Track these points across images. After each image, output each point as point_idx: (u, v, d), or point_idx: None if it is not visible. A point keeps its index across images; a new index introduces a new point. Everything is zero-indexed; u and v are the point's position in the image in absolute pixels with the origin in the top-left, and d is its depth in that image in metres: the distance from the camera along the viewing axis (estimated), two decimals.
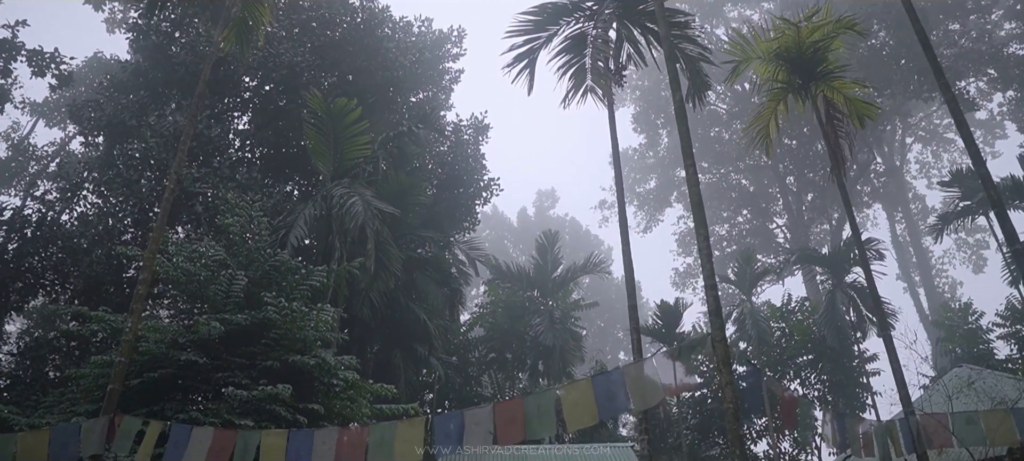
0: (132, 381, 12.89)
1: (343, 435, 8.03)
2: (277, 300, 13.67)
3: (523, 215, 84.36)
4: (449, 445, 7.44)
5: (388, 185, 21.37)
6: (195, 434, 8.80)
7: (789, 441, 32.44)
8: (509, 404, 7.47)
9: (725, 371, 6.81)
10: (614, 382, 7.25)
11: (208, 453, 8.60)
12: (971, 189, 30.73)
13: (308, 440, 8.14)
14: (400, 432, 7.72)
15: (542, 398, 7.42)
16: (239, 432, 8.61)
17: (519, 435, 7.25)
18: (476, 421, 7.45)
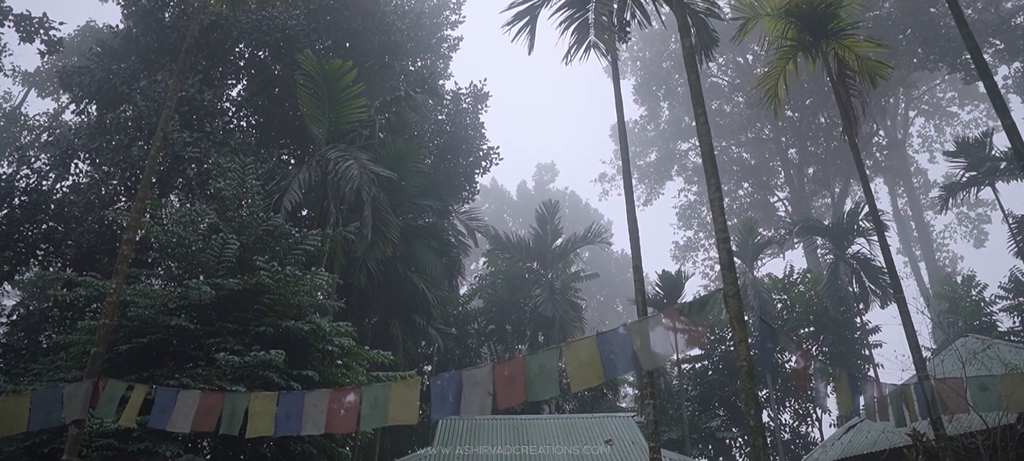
0: (121, 347, 12.56)
1: (335, 397, 7.65)
2: (270, 264, 13.26)
3: (523, 189, 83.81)
4: (446, 407, 7.07)
5: (385, 151, 20.89)
6: (181, 397, 8.43)
7: (790, 412, 32.36)
8: (510, 364, 7.08)
9: (739, 327, 6.42)
10: (620, 340, 6.86)
11: (194, 417, 8.24)
12: (977, 159, 30.26)
13: (298, 403, 7.78)
14: (395, 393, 7.34)
15: (544, 357, 7.03)
16: (227, 395, 8.25)
17: (520, 396, 6.88)
18: (475, 382, 7.07)
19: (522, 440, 18.11)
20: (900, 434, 17.00)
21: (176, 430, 8.33)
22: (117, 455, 11.12)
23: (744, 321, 6.45)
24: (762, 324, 7.06)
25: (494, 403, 6.96)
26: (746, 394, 6.08)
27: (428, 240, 23.66)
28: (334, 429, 7.55)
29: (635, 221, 10.04)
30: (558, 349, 7.10)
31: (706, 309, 6.69)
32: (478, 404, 6.96)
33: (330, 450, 13.68)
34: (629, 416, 20.67)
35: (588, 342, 6.97)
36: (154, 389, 8.77)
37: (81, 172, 24.06)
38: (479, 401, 6.96)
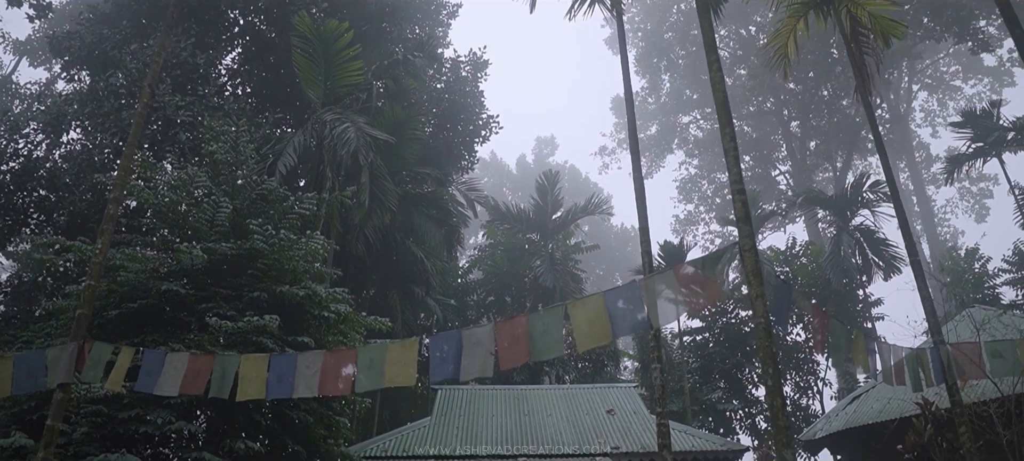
0: (111, 313, 12.21)
1: (329, 359, 7.30)
2: (263, 227, 12.88)
3: (522, 162, 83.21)
4: (446, 369, 6.72)
5: (383, 119, 20.41)
6: (169, 360, 8.09)
7: (791, 385, 32.18)
8: (512, 323, 6.73)
9: (755, 282, 6.05)
10: (630, 296, 6.50)
11: (183, 379, 7.91)
12: (984, 129, 29.79)
13: (291, 364, 7.43)
14: (391, 354, 6.99)
15: (549, 316, 6.67)
16: (216, 357, 7.90)
17: (523, 356, 6.53)
18: (475, 341, 6.71)
19: (522, 410, 17.86)
20: (907, 403, 16.78)
21: (164, 394, 8.01)
22: (106, 422, 10.80)
23: (761, 275, 6.08)
24: (778, 282, 6.68)
25: (496, 364, 6.61)
26: (764, 352, 5.73)
27: (427, 209, 23.26)
28: (328, 392, 7.22)
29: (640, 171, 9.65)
30: (563, 306, 6.74)
31: (720, 263, 6.32)
32: (479, 365, 6.61)
33: (327, 418, 13.40)
34: (631, 387, 20.42)
35: (595, 299, 6.61)
36: (141, 352, 8.41)
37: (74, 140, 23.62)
38: (480, 362, 6.61)
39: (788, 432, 5.38)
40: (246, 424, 11.98)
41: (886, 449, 17.14)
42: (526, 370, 26.35)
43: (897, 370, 8.46)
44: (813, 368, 32.27)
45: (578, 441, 15.82)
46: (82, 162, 21.03)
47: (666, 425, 8.32)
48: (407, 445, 15.67)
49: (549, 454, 15.10)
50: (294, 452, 13.07)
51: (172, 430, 10.82)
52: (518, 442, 15.85)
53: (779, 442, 5.39)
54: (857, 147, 59.18)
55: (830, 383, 33.49)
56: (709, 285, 6.40)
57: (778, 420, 5.44)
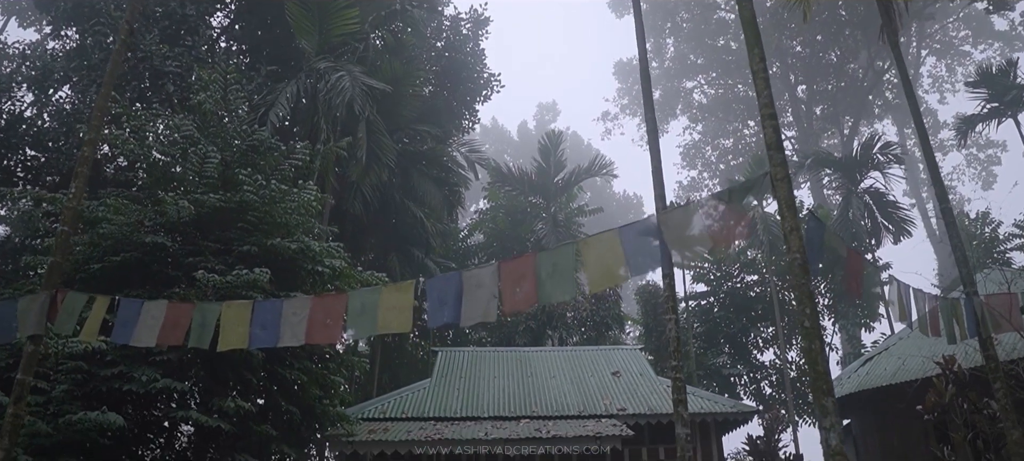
0: (93, 266, 11.61)
1: (317, 304, 6.69)
2: (253, 177, 12.22)
3: (523, 128, 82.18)
4: (445, 313, 6.10)
5: (381, 73, 19.62)
6: (146, 309, 7.47)
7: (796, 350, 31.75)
8: (518, 261, 6.09)
9: (789, 214, 5.40)
10: (648, 231, 5.87)
11: (161, 330, 7.30)
12: (1001, 89, 28.90)
13: (275, 310, 6.82)
14: (385, 298, 6.37)
15: (558, 254, 6.04)
16: (196, 305, 7.28)
17: (530, 298, 5.91)
18: (477, 283, 6.09)
19: (525, 372, 17.35)
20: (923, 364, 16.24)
21: (140, 345, 7.42)
22: (87, 379, 10.25)
23: (795, 207, 5.43)
24: (811, 217, 6.05)
25: (500, 307, 6.00)
26: (800, 291, 5.10)
27: (427, 168, 22.56)
28: (316, 340, 6.61)
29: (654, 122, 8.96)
30: (574, 244, 6.11)
31: (749, 195, 5.66)
32: (481, 308, 5.99)
33: (322, 377, 12.87)
34: (636, 349, 19.89)
35: (609, 236, 5.97)
36: (117, 301, 7.79)
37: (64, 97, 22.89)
38: (482, 305, 5.99)
39: (828, 378, 4.76)
40: (237, 383, 11.45)
41: (899, 411, 16.65)
42: (528, 333, 25.84)
43: (932, 320, 7.85)
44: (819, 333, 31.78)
45: (583, 403, 15.31)
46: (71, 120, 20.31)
47: (682, 381, 7.73)
48: (406, 407, 15.17)
49: (553, 416, 14.59)
50: (288, 412, 12.56)
51: (156, 388, 10.25)
52: (521, 404, 15.34)
53: (818, 389, 4.77)
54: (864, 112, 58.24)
55: (836, 348, 33.08)
56: (736, 219, 5.75)
57: (817, 365, 4.82)
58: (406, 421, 14.36)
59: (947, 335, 8.14)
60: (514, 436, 12.71)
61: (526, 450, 12.70)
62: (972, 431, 12.10)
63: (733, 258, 31.64)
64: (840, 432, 4.87)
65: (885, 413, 17.10)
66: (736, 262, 31.64)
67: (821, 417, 4.88)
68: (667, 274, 8.53)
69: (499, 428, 13.39)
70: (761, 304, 31.08)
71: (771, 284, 29.57)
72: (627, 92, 70.03)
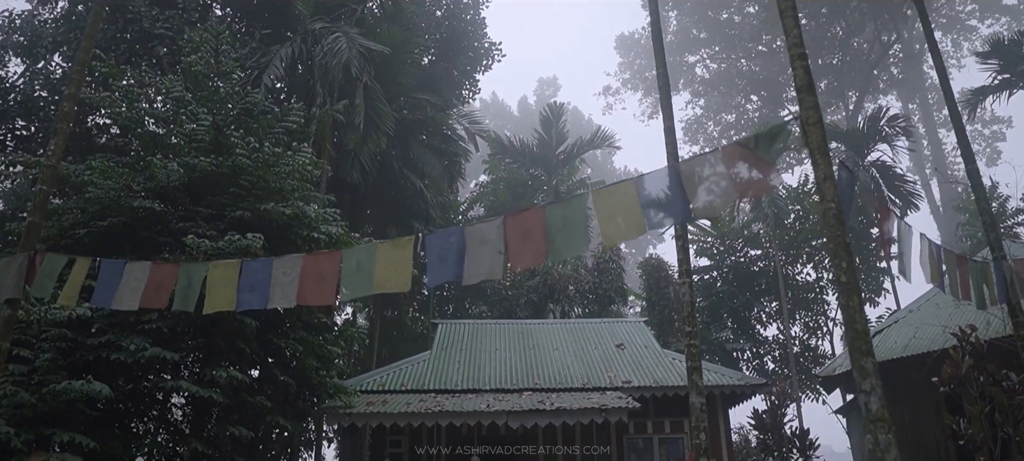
0: (78, 231, 11.16)
1: (309, 262, 6.24)
2: (245, 139, 11.73)
3: (524, 104, 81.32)
4: (445, 270, 5.65)
5: (379, 39, 19.03)
6: (128, 270, 7.03)
7: (800, 325, 31.42)
8: (525, 215, 5.63)
9: (822, 160, 4.94)
10: (666, 181, 5.41)
11: (144, 292, 6.86)
12: (1014, 59, 28.27)
13: (265, 271, 6.37)
14: (381, 254, 5.92)
15: (569, 207, 5.58)
16: (181, 265, 6.83)
17: (539, 254, 5.45)
18: (481, 239, 5.63)
19: (527, 345, 16.95)
20: (935, 337, 15.86)
21: (122, 308, 6.97)
22: (73, 348, 9.83)
23: (828, 153, 4.97)
24: (842, 167, 5.58)
25: (505, 264, 5.54)
26: (835, 243, 4.64)
27: (426, 136, 22.04)
28: (309, 300, 6.17)
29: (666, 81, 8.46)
30: (586, 195, 5.64)
31: (777, 142, 5.20)
32: (486, 266, 5.53)
33: (318, 348, 12.47)
34: (641, 321, 19.50)
35: (625, 186, 5.50)
36: (98, 262, 7.34)
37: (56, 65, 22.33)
38: (487, 262, 5.53)
39: (867, 337, 4.31)
40: (230, 353, 11.04)
41: (910, 384, 16.29)
42: (530, 306, 25.46)
43: (963, 282, 7.42)
44: (824, 308, 31.49)
45: (587, 376, 14.93)
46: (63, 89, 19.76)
47: (697, 348, 7.30)
48: (405, 379, 14.79)
49: (557, 388, 14.21)
50: (284, 384, 12.18)
51: (145, 358, 9.84)
52: (523, 377, 14.96)
53: (856, 350, 4.33)
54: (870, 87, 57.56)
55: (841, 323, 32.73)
56: (762, 169, 5.29)
57: (855, 324, 4.38)
58: (405, 393, 13.99)
59: (977, 300, 7.71)
60: (517, 408, 12.33)
61: (529, 422, 12.31)
62: (989, 404, 11.73)
63: (737, 232, 31.22)
64: (880, 396, 4.45)
65: (895, 387, 16.72)
66: (740, 236, 31.22)
67: (860, 380, 4.46)
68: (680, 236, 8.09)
69: (501, 400, 13.01)
70: (765, 278, 30.69)
71: (775, 258, 29.16)
72: (628, 66, 69.16)
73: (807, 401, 29.07)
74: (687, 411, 15.13)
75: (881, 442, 4.29)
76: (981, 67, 30.69)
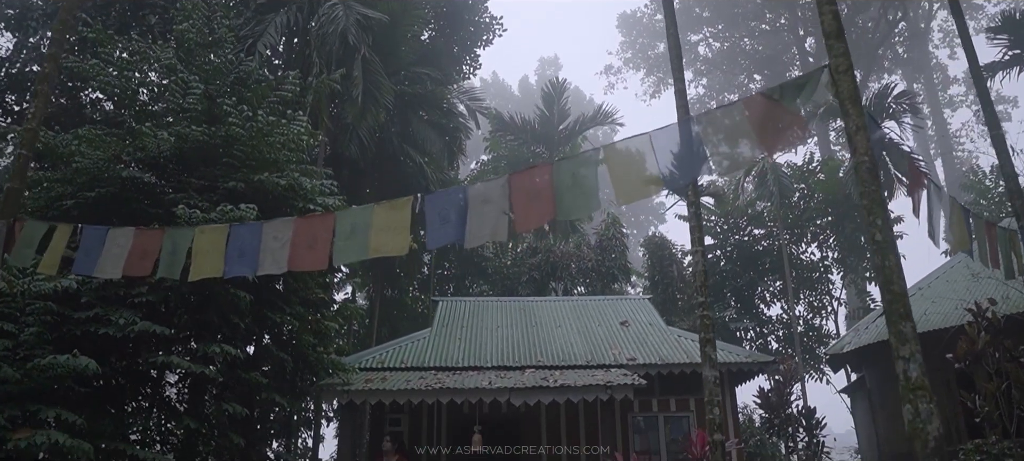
0: (66, 203, 10.78)
1: (301, 226, 5.86)
2: (238, 107, 11.32)
3: (524, 83, 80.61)
4: (447, 231, 5.28)
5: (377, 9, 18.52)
6: (111, 237, 6.66)
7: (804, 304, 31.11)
8: (532, 172, 5.25)
9: (855, 112, 4.54)
10: (683, 137, 5.02)
11: (127, 258, 6.49)
12: None
13: (254, 235, 5.99)
14: (378, 217, 5.53)
15: (579, 162, 5.19)
16: (166, 231, 6.45)
17: (546, 214, 5.08)
18: (484, 198, 5.25)
19: (529, 322, 16.62)
20: (947, 313, 15.51)
21: (104, 275, 6.63)
22: (60, 322, 9.48)
23: (860, 103, 4.57)
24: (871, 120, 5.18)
25: (511, 225, 5.17)
26: (870, 198, 4.26)
27: (426, 111, 21.60)
28: (301, 266, 5.80)
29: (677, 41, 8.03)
30: (597, 151, 5.25)
31: (804, 92, 4.79)
32: (489, 227, 5.16)
33: (316, 324, 12.13)
34: (645, 298, 19.16)
35: (640, 141, 5.12)
36: (80, 229, 6.97)
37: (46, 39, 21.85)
38: (491, 223, 5.16)
39: (905, 300, 3.94)
40: (222, 327, 10.69)
41: None
42: (532, 284, 25.12)
43: (992, 250, 7.05)
44: (828, 288, 31.17)
45: (590, 353, 14.60)
46: None
47: (710, 319, 6.94)
48: (405, 356, 14.46)
49: (560, 365, 13.89)
50: (280, 360, 11.85)
51: (134, 332, 9.48)
52: (525, 354, 14.64)
53: (894, 313, 3.96)
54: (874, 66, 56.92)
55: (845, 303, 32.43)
56: (789, 121, 4.89)
57: (892, 285, 4.02)
58: (405, 371, 13.67)
59: (1005, 268, 7.34)
60: (520, 385, 12.00)
61: (532, 399, 11.99)
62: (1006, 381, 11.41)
63: (741, 211, 30.83)
64: (921, 363, 4.08)
65: None
66: (744, 214, 30.85)
67: (899, 345, 4.09)
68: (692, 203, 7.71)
69: (503, 377, 12.68)
70: (768, 258, 30.35)
71: (779, 237, 28.80)
72: (630, 45, 68.40)
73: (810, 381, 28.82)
74: (693, 389, 14.83)
75: (922, 412, 3.93)
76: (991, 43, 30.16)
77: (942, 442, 3.86)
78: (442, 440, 14.41)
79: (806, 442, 16.48)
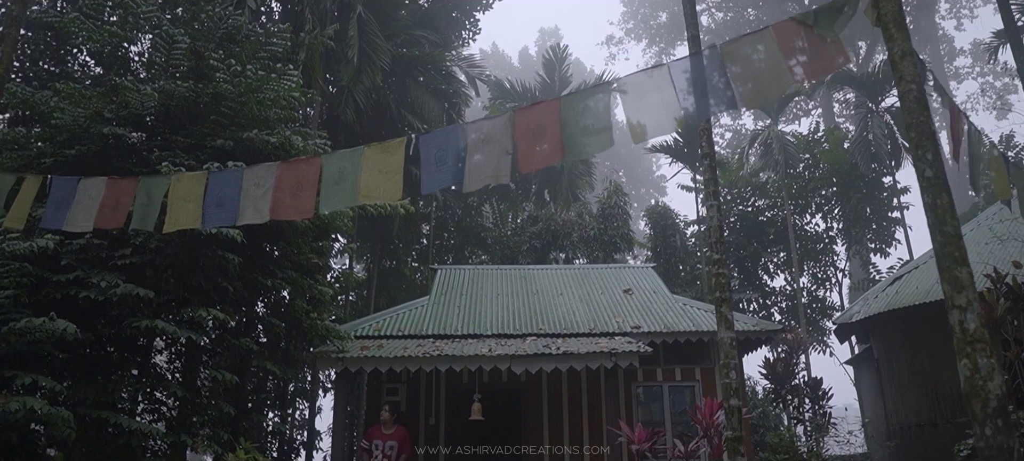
0: (45, 161, 10.25)
1: (284, 171, 5.36)
2: (226, 61, 10.76)
3: (524, 55, 79.54)
4: (443, 174, 4.79)
5: None
6: (82, 187, 6.17)
7: (808, 276, 30.71)
8: (538, 108, 4.74)
9: (900, 36, 4.04)
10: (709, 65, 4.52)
11: (99, 210, 6.01)
12: None
13: (234, 182, 5.50)
14: (368, 160, 5.04)
15: (590, 95, 4.68)
16: (139, 180, 5.95)
17: (554, 153, 4.58)
18: (485, 137, 4.75)
19: (530, 290, 16.18)
20: None
21: (74, 229, 6.14)
22: (38, 284, 9.02)
23: (905, 26, 4.05)
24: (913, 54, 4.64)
25: (514, 165, 4.67)
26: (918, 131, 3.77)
27: (424, 75, 20.99)
28: (284, 214, 5.31)
29: None
30: (610, 83, 4.74)
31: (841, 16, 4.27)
32: (491, 168, 4.66)
33: (309, 288, 11.67)
34: (649, 267, 18.71)
35: (658, 72, 4.60)
36: (50, 181, 6.47)
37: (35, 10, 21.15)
38: (492, 163, 4.66)
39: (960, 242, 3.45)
40: (210, 291, 10.22)
41: (931, 331, 15.59)
42: (533, 253, 24.68)
43: None
44: (832, 259, 30.77)
45: (594, 321, 14.17)
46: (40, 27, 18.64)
47: (726, 277, 6.47)
48: (403, 324, 14.03)
49: (562, 333, 13.46)
50: (272, 326, 11.41)
51: (116, 296, 9.02)
52: (527, 322, 14.21)
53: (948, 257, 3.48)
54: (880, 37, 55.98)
55: (849, 274, 32.06)
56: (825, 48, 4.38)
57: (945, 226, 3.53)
58: (403, 338, 13.24)
59: None
60: (521, 352, 11.57)
61: (534, 367, 11.57)
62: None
63: (745, 180, 30.34)
64: (979, 314, 3.61)
65: (914, 334, 16.03)
66: (748, 184, 30.36)
67: (954, 293, 3.63)
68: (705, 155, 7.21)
69: (504, 345, 12.26)
70: (772, 229, 29.91)
71: (784, 207, 28.33)
72: (632, 16, 67.35)
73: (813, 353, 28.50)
74: (699, 359, 14.44)
75: (982, 367, 3.47)
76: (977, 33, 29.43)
77: (1005, 401, 3.40)
78: (441, 410, 14.04)
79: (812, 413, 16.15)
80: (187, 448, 10.37)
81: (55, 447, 9.60)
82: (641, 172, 73.38)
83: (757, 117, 49.34)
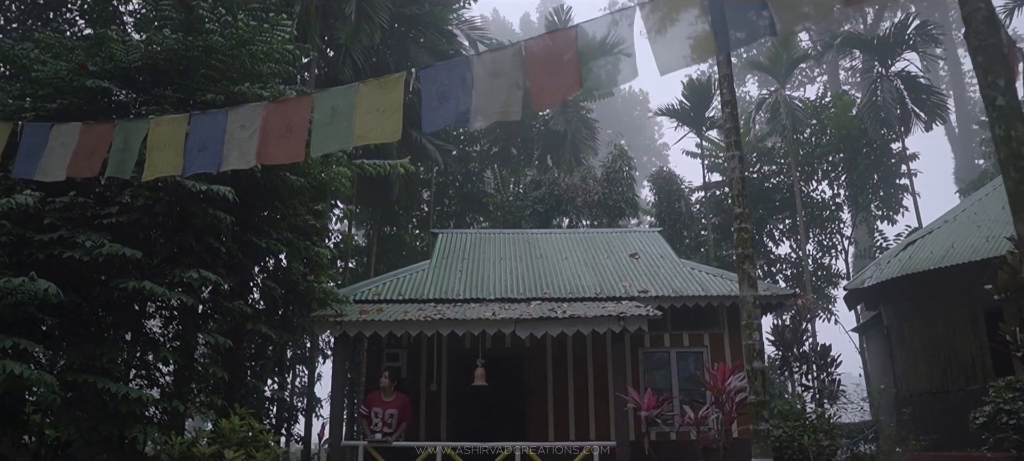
0: (25, 115, 9.75)
1: (272, 112, 4.89)
2: (216, 11, 10.22)
3: (526, 21, 78.41)
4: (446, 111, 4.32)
5: None
6: (54, 134, 5.70)
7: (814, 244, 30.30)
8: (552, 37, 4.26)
9: None
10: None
11: (72, 157, 5.54)
12: None
13: (218, 126, 5.04)
14: (364, 98, 4.56)
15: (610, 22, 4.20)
16: (116, 124, 5.48)
17: (570, 85, 4.11)
18: (493, 70, 4.27)
19: (534, 254, 15.76)
20: (976, 246, 14.65)
21: (47, 178, 5.69)
22: (18, 244, 8.58)
23: None
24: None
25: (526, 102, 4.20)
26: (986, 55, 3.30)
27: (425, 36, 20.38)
28: (273, 158, 4.87)
29: None
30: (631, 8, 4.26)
31: None
32: (500, 102, 4.19)
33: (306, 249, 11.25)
34: (656, 231, 18.29)
35: None
36: (20, 126, 6.00)
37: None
38: (502, 98, 4.19)
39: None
40: (201, 252, 9.79)
41: (945, 298, 15.21)
42: (536, 218, 24.23)
43: None
44: (838, 227, 30.36)
45: (599, 286, 13.76)
46: None
47: (747, 233, 6.03)
48: (403, 288, 13.63)
49: (567, 297, 13.06)
50: (267, 289, 11.01)
51: (103, 256, 8.59)
52: (531, 286, 13.81)
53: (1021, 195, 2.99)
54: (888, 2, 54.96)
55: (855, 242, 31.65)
56: None
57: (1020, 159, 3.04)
58: (403, 302, 12.86)
59: None
60: (526, 316, 11.18)
61: (540, 332, 11.18)
62: None
63: (751, 146, 29.79)
64: None
65: (927, 301, 15.64)
66: (754, 150, 29.82)
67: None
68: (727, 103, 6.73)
69: (508, 309, 11.87)
70: (778, 195, 29.46)
71: (792, 174, 27.82)
72: None
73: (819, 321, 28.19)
74: (708, 323, 14.05)
75: None
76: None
77: None
78: (442, 376, 13.70)
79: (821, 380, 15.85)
80: (184, 414, 10.04)
81: (41, 412, 9.24)
82: (644, 140, 72.68)
83: (763, 84, 48.62)
